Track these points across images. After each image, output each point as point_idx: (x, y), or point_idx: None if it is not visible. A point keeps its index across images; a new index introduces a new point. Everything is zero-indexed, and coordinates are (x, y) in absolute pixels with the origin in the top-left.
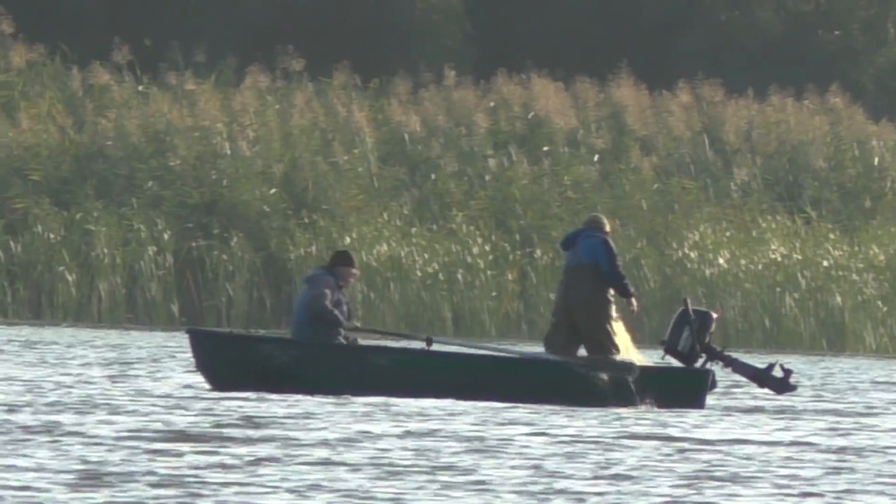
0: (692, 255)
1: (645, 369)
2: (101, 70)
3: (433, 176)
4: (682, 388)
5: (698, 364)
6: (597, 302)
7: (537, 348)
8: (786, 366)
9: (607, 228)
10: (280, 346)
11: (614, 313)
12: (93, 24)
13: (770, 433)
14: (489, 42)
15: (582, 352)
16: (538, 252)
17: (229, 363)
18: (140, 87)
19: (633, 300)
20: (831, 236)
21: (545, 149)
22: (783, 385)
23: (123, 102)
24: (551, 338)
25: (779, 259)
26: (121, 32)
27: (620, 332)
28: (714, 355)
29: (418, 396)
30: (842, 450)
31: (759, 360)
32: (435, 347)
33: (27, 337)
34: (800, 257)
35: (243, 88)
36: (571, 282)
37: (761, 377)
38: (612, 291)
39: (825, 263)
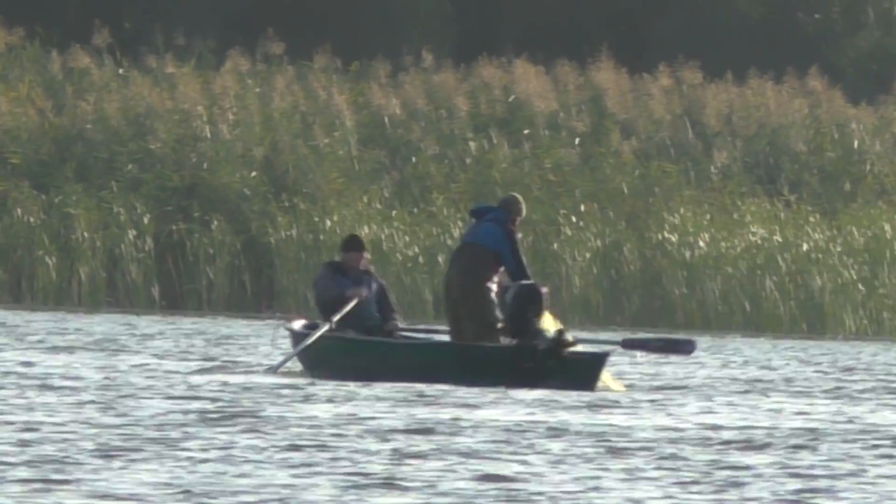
0: (672, 238)
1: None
2: (81, 53)
3: (413, 159)
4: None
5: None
6: (478, 285)
7: None
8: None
9: (522, 213)
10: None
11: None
12: (72, 6)
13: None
14: (469, 24)
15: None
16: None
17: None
18: (120, 71)
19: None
20: (811, 219)
21: (525, 132)
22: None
23: (103, 86)
24: (447, 314)
25: (759, 242)
26: (100, 15)
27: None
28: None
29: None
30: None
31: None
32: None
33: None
34: (780, 240)
35: (223, 72)
36: (458, 257)
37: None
38: (495, 278)
39: (805, 246)
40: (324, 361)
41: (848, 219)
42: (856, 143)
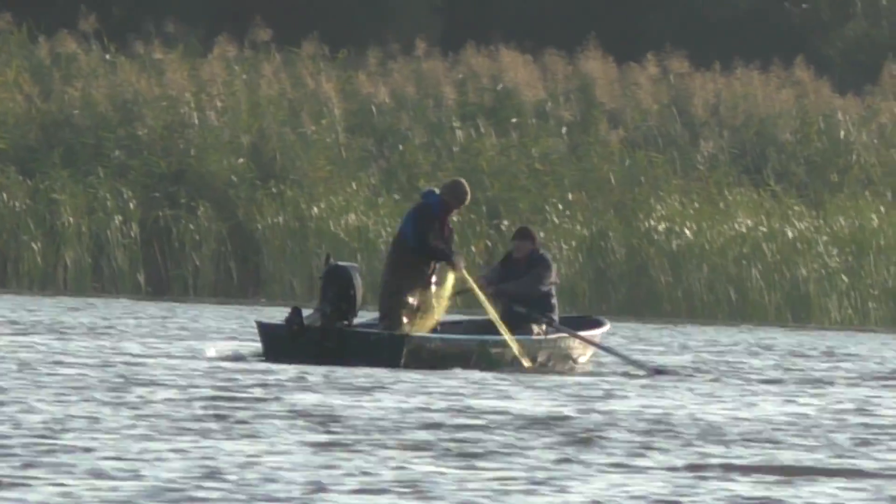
0: (659, 227)
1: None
2: (69, 39)
3: (401, 147)
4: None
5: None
6: (391, 271)
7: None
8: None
9: (462, 199)
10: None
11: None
12: None
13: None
14: (458, 13)
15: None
16: (505, 223)
17: None
18: (107, 57)
19: (457, 261)
20: (796, 208)
21: (513, 121)
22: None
23: (91, 72)
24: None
25: (745, 231)
26: (88, 1)
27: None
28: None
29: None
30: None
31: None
32: None
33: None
34: (765, 230)
35: (211, 59)
36: (390, 250)
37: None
38: (426, 273)
39: (790, 236)
40: None
41: (834, 209)
42: (842, 134)
